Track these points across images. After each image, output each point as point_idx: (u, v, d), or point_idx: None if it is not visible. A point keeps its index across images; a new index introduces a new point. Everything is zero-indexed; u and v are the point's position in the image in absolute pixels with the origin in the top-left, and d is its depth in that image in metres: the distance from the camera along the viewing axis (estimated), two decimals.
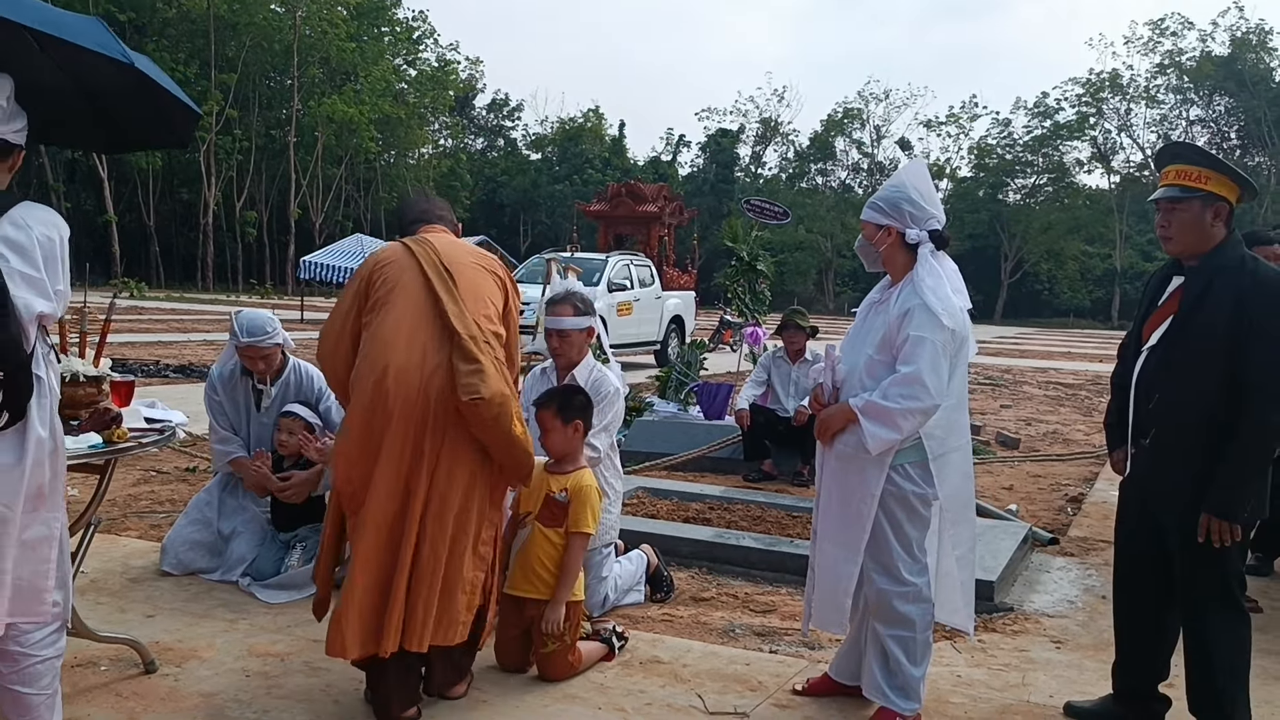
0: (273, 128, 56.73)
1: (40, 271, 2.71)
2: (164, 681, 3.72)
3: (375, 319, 3.42)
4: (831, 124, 72.47)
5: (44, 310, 2.72)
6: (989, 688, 3.99)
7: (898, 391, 3.37)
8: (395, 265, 3.51)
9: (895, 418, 3.37)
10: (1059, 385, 19.03)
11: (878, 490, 3.49)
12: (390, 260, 3.53)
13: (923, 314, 3.41)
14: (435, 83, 62.44)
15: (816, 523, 3.72)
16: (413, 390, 3.31)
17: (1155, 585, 3.54)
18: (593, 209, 25.17)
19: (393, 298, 3.42)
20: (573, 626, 3.94)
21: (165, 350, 17.87)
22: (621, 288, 18.24)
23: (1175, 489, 3.35)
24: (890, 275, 3.66)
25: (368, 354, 3.38)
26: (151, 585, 4.81)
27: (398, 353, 3.33)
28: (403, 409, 3.30)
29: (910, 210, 3.53)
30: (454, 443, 3.37)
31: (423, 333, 3.37)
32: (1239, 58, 62.50)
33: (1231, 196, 3.34)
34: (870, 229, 3.61)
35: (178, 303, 37.84)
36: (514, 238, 66.13)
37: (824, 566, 3.65)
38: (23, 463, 2.69)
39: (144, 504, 6.49)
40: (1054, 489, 8.51)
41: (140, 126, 3.70)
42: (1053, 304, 66.79)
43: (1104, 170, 68.01)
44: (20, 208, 2.73)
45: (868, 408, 3.42)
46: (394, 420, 3.30)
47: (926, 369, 3.35)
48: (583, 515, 3.96)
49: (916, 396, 3.35)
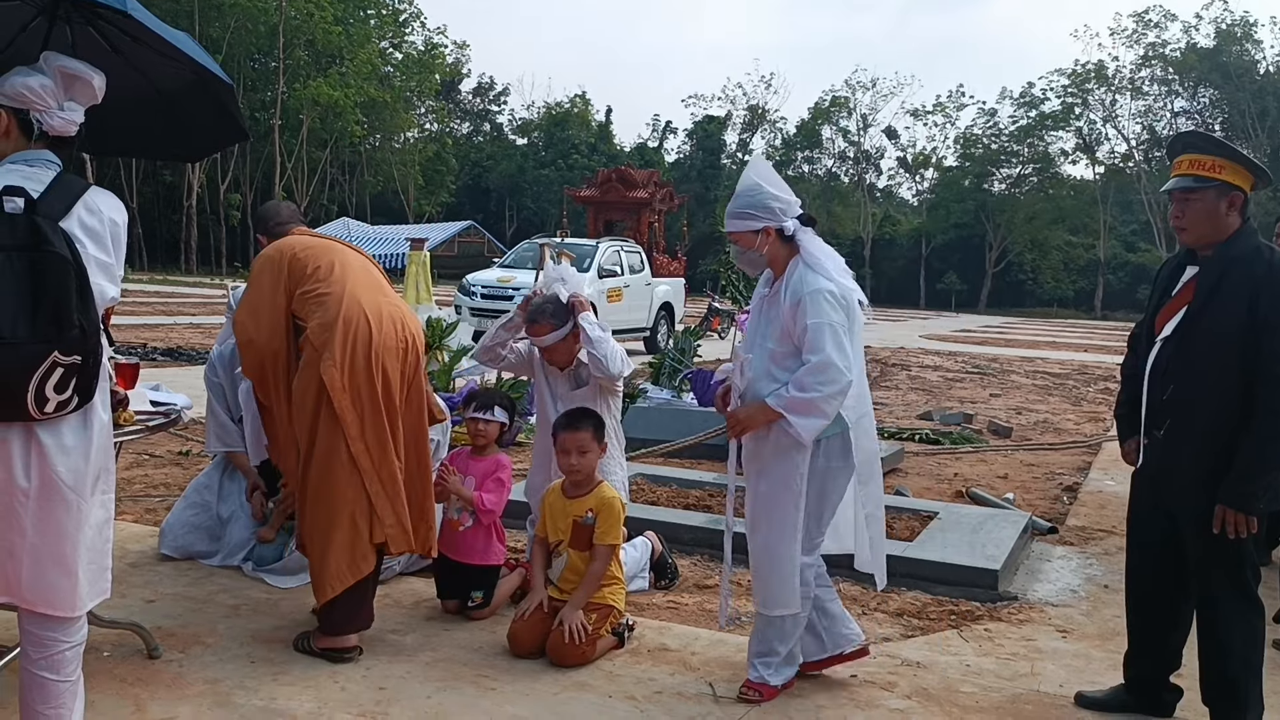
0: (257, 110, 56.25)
1: (111, 256, 2.75)
2: (168, 667, 3.67)
3: (326, 285, 3.87)
4: (818, 112, 72.32)
5: (115, 295, 2.77)
6: (999, 677, 3.98)
7: (813, 380, 3.45)
8: (317, 246, 4.01)
9: (818, 405, 3.46)
10: (1046, 375, 19.08)
11: (805, 469, 3.58)
12: (308, 245, 4.02)
13: (814, 300, 3.49)
14: (421, 66, 62.00)
15: (750, 511, 3.74)
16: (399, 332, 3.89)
17: (1168, 576, 3.53)
18: (582, 194, 25.07)
19: (338, 269, 3.91)
20: (599, 625, 3.96)
21: (152, 333, 17.74)
22: (611, 274, 18.20)
23: (1189, 480, 3.34)
24: (773, 270, 3.73)
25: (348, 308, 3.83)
26: (150, 570, 4.76)
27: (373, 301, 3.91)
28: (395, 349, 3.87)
29: (778, 205, 3.62)
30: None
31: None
32: (1223, 50, 62.64)
33: (1246, 185, 3.32)
34: (747, 238, 3.65)
35: (161, 285, 37.56)
36: (500, 223, 65.90)
37: (764, 551, 3.66)
38: (89, 445, 2.73)
39: (138, 488, 6.43)
40: (1049, 478, 8.53)
41: (209, 128, 4.01)
42: (1036, 294, 66.96)
43: (1089, 161, 68.09)
44: (92, 193, 2.75)
45: (791, 404, 3.48)
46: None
47: (833, 351, 3.44)
48: (610, 528, 4.05)
49: (832, 380, 3.44)
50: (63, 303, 2.57)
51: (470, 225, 51.04)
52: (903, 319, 44.18)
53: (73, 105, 2.76)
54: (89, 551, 2.78)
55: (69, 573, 2.74)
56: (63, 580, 2.74)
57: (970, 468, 8.84)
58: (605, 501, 4.07)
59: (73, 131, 2.78)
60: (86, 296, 2.63)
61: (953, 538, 5.60)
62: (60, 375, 2.58)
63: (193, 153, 4.38)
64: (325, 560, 3.80)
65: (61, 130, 2.75)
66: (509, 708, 3.49)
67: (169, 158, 5.82)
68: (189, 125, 3.94)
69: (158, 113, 3.85)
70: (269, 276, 3.98)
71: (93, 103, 2.81)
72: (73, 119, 2.76)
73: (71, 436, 2.70)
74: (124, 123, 3.87)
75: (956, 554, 5.30)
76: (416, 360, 3.97)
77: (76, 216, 2.69)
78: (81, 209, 2.70)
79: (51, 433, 2.66)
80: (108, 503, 2.86)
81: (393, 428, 3.85)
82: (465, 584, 4.38)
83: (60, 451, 2.68)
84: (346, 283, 3.90)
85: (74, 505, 2.71)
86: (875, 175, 74.96)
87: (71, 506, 2.71)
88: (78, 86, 2.77)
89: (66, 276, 2.57)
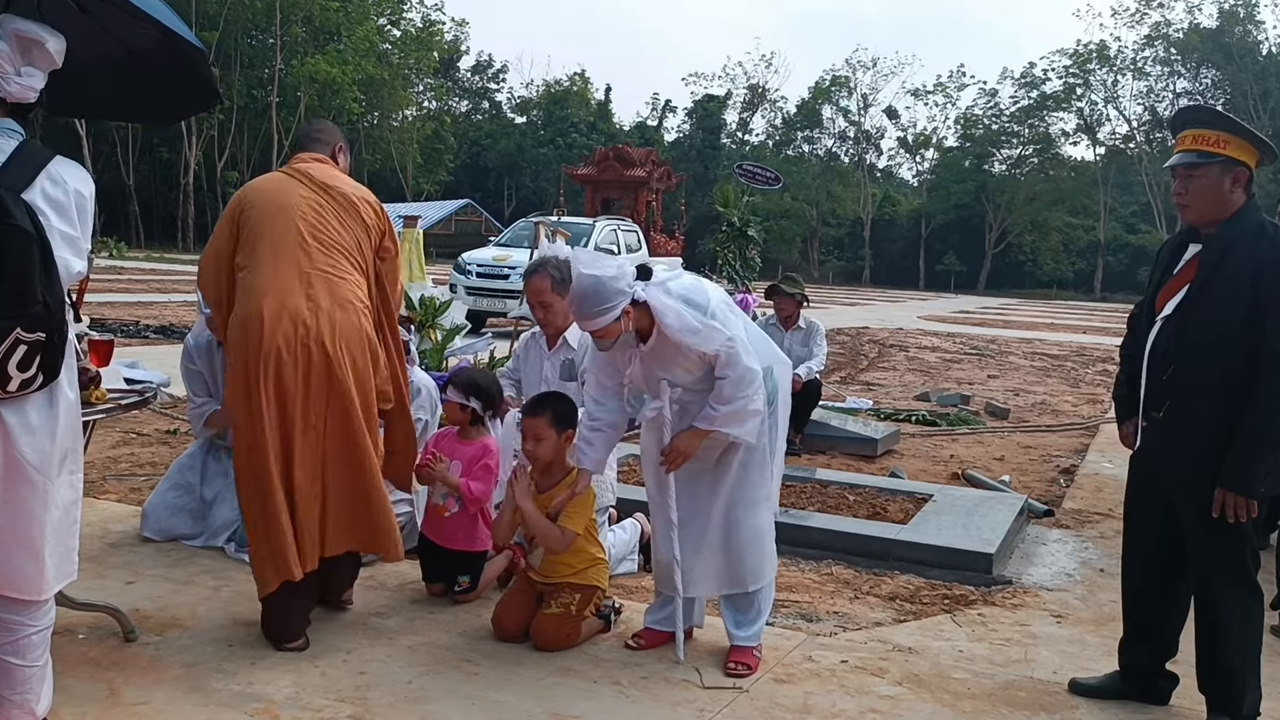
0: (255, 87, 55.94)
1: (77, 229, 2.68)
2: (145, 651, 3.60)
3: (250, 268, 3.60)
4: (819, 91, 71.91)
5: (81, 270, 2.70)
6: (991, 663, 3.91)
7: (735, 391, 3.53)
8: (269, 205, 3.68)
9: (748, 410, 3.54)
10: (1045, 356, 19.00)
11: (768, 437, 3.74)
12: (262, 199, 3.70)
13: (714, 319, 3.52)
14: (420, 44, 61.57)
15: (719, 502, 3.76)
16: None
17: (1165, 561, 3.46)
18: (580, 173, 24.96)
19: (266, 246, 3.61)
20: (583, 606, 3.87)
21: (145, 311, 17.64)
22: (609, 253, 18.05)
23: (1190, 463, 3.25)
24: (640, 333, 3.65)
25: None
26: (131, 551, 4.68)
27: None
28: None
29: (622, 283, 3.49)
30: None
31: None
32: (1226, 30, 62.23)
33: (1251, 161, 3.23)
34: (614, 328, 3.53)
35: (158, 263, 37.44)
36: (498, 201, 65.64)
37: (751, 532, 3.74)
38: (55, 425, 2.66)
39: (124, 466, 6.35)
40: (1045, 460, 8.46)
41: (182, 90, 3.86)
42: (1036, 275, 66.72)
43: (1089, 142, 67.80)
44: (56, 163, 2.67)
45: (722, 419, 3.55)
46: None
47: (744, 361, 3.52)
48: (573, 514, 3.86)
49: (751, 381, 3.52)
50: (26, 277, 2.49)
51: (468, 204, 50.91)
52: (901, 300, 44.08)
53: (31, 70, 2.67)
54: (56, 533, 2.72)
55: (35, 555, 2.68)
56: (29, 563, 2.68)
57: (967, 449, 8.77)
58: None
59: (32, 98, 2.69)
60: (51, 271, 2.55)
61: (947, 520, 5.53)
62: (24, 353, 2.51)
63: (167, 116, 4.23)
64: (253, 560, 3.68)
65: (20, 97, 2.66)
66: (491, 693, 3.42)
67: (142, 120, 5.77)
68: (162, 87, 3.80)
69: (130, 74, 3.70)
70: (226, 226, 3.73)
71: (52, 67, 2.72)
72: (31, 85, 2.67)
73: (37, 415, 2.63)
74: (95, 83, 3.71)
75: (951, 537, 5.23)
76: (326, 365, 3.54)
77: (40, 188, 2.60)
78: (45, 180, 2.62)
79: (15, 412, 2.59)
80: (75, 483, 2.80)
81: (287, 442, 3.54)
82: (451, 569, 4.30)
83: (25, 431, 2.61)
84: (264, 269, 3.57)
85: (40, 486, 2.64)
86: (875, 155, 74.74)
87: (37, 487, 2.64)
88: (35, 51, 2.67)
89: (29, 250, 2.49)
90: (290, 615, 3.66)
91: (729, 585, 3.81)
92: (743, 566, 3.75)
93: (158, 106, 4.02)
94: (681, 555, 3.78)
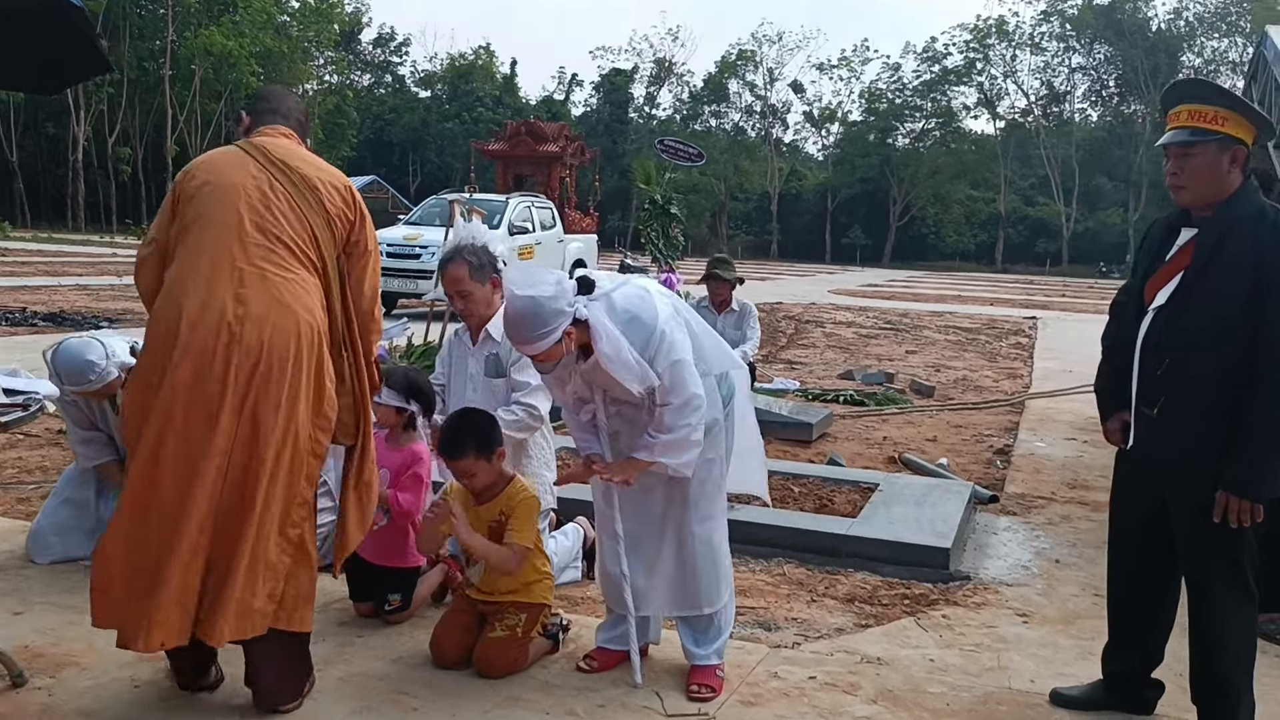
0: (146, 60, 53.91)
1: None
2: (35, 696, 3.18)
3: (177, 256, 3.03)
4: (725, 66, 71.96)
5: None
6: (965, 673, 3.69)
7: (677, 420, 3.26)
8: (215, 184, 3.08)
9: (689, 440, 3.28)
10: (958, 329, 19.12)
11: (720, 452, 3.49)
12: (208, 178, 3.11)
13: (661, 343, 3.23)
14: (319, 16, 59.98)
15: (670, 523, 3.49)
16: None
17: (1155, 567, 3.25)
18: (491, 148, 24.36)
19: (195, 232, 3.03)
20: (530, 626, 3.53)
21: (33, 296, 16.70)
22: (523, 230, 17.66)
23: (1186, 462, 3.04)
24: (583, 350, 3.33)
25: None
26: (18, 574, 4.21)
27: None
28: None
29: (562, 302, 3.18)
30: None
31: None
32: (1118, 7, 63.83)
33: (1249, 138, 3.01)
34: (555, 350, 3.22)
35: (45, 244, 35.80)
36: (404, 177, 64.43)
37: (706, 549, 3.47)
38: None
39: (10, 473, 5.80)
40: (977, 440, 8.34)
41: (63, 54, 3.33)
42: (939, 247, 67.83)
43: (990, 116, 69.08)
44: None
45: (662, 448, 3.27)
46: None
47: (691, 384, 3.26)
48: (521, 527, 3.54)
49: (695, 409, 3.27)
50: None
51: (373, 180, 49.68)
52: (810, 274, 44.30)
53: None
54: None
55: None
56: None
57: (898, 430, 8.62)
58: (516, 503, 3.57)
59: None
60: None
61: (898, 512, 5.32)
62: None
63: (48, 83, 3.77)
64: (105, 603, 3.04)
65: None
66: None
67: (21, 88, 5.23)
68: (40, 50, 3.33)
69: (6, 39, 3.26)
70: (165, 210, 3.15)
71: None
72: None
73: None
74: None
75: (904, 530, 5.02)
76: (247, 382, 2.92)
77: None
78: None
79: None
80: None
81: (190, 470, 2.87)
82: (380, 586, 3.93)
83: None
84: (190, 260, 2.98)
85: None
86: (782, 130, 75.20)
87: None
88: None
89: None
90: (187, 657, 3.16)
91: (682, 606, 3.52)
92: (697, 586, 3.46)
93: (36, 73, 3.54)
94: (630, 572, 3.48)
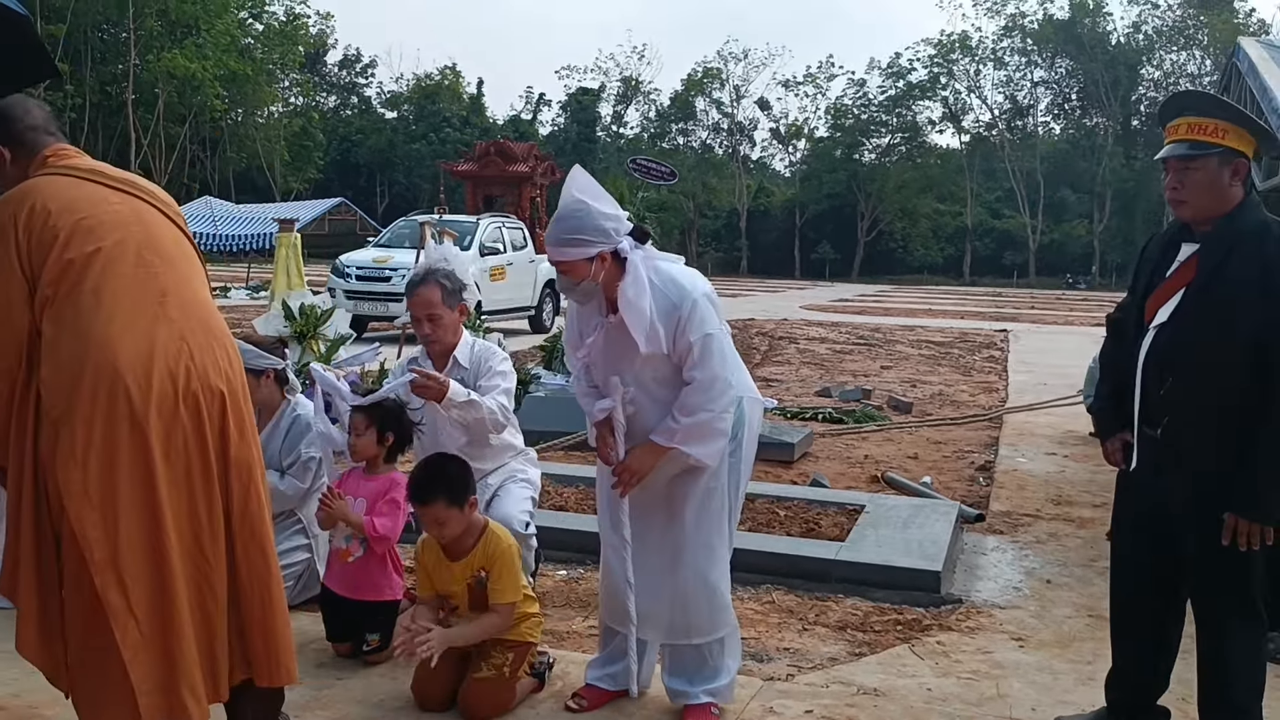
0: (108, 84, 53.35)
1: None
2: None
3: (74, 296, 2.51)
4: (691, 83, 72.10)
5: None
6: (965, 702, 3.59)
7: (702, 400, 3.13)
8: (79, 200, 2.59)
9: (714, 425, 3.16)
10: (930, 344, 19.11)
11: (724, 475, 3.30)
12: (65, 195, 2.57)
13: (695, 311, 3.12)
14: (284, 38, 59.59)
15: (669, 543, 3.33)
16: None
17: (1159, 592, 3.16)
18: (460, 169, 24.20)
19: (100, 263, 2.54)
20: (517, 665, 3.40)
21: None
22: (494, 251, 17.49)
23: (1192, 485, 2.96)
24: (606, 296, 3.23)
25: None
26: None
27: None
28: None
29: (610, 225, 3.11)
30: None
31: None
32: (1077, 21, 64.58)
33: (1250, 151, 2.95)
34: (580, 266, 3.12)
35: None
36: (371, 199, 64.00)
37: (699, 579, 3.29)
38: None
39: None
40: (959, 456, 8.28)
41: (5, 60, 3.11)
42: (907, 261, 68.10)
43: (954, 130, 69.56)
44: None
45: (685, 434, 3.15)
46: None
47: (719, 365, 3.15)
48: (505, 585, 3.39)
49: (721, 393, 3.15)
50: None
51: (341, 202, 49.36)
52: (780, 289, 44.33)
53: None
54: None
55: None
56: None
57: (878, 448, 8.54)
58: (494, 555, 3.40)
59: None
60: None
61: (886, 534, 5.22)
62: None
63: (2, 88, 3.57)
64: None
65: None
66: None
67: None
68: None
69: None
70: (6, 264, 2.49)
71: None
72: None
73: None
74: None
75: (893, 553, 4.92)
76: (223, 420, 2.62)
77: None
78: None
79: None
80: None
81: (194, 528, 2.59)
82: (358, 623, 3.79)
83: None
84: (105, 295, 2.50)
85: None
86: (749, 147, 75.26)
87: None
88: None
89: None
90: None
91: (673, 634, 3.38)
92: (687, 615, 3.31)
93: None
94: (635, 579, 3.33)
